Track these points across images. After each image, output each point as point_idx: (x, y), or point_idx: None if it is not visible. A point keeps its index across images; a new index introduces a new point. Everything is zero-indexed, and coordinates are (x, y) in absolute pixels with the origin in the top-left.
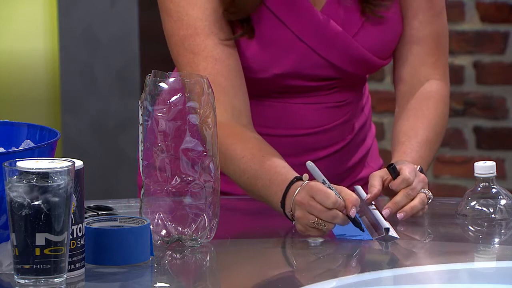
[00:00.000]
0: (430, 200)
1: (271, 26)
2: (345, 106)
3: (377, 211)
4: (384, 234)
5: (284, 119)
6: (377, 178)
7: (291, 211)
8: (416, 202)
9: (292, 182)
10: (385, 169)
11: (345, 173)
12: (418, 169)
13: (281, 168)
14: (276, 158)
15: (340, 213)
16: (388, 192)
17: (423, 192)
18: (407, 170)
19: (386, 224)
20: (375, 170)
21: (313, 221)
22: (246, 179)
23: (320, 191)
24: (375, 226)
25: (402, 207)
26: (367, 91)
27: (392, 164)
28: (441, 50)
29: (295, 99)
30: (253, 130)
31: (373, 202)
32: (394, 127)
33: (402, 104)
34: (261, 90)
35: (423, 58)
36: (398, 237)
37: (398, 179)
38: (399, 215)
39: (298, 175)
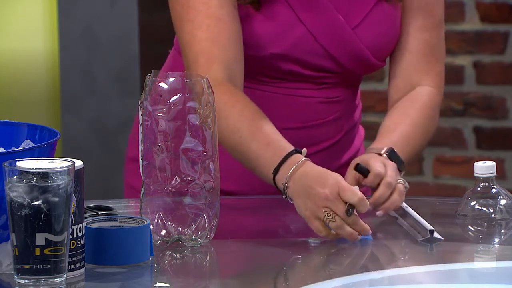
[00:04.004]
0: (407, 189)
1: (274, 4)
2: (335, 103)
3: (415, 213)
4: (429, 236)
5: (273, 111)
6: (354, 183)
7: (286, 183)
8: (395, 196)
9: (291, 153)
10: (353, 170)
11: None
12: (385, 151)
13: (279, 137)
14: (273, 127)
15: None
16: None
17: (400, 183)
18: (376, 164)
19: (430, 226)
20: None
21: (325, 213)
22: (238, 138)
23: (348, 190)
24: (416, 228)
25: (387, 198)
26: (359, 94)
27: (358, 164)
28: (436, 59)
29: (285, 90)
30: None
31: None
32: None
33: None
34: (253, 70)
35: (416, 64)
36: (442, 238)
37: (370, 176)
38: (378, 213)
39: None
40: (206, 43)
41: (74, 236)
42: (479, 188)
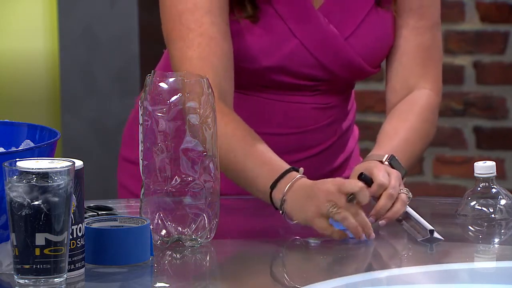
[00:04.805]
0: (410, 199)
1: (267, 18)
2: (329, 109)
3: (415, 213)
4: (429, 236)
5: (268, 117)
6: None
7: (284, 196)
8: (398, 206)
9: (288, 170)
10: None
11: (327, 174)
12: (387, 158)
13: (274, 155)
14: (267, 147)
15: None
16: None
17: (403, 192)
18: (379, 174)
19: (430, 226)
20: None
21: (329, 206)
22: (233, 157)
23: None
24: (416, 228)
25: (388, 209)
26: (353, 97)
27: (362, 173)
28: (433, 62)
29: (279, 96)
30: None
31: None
32: (379, 131)
33: (390, 111)
34: (246, 82)
35: (412, 68)
36: (442, 238)
37: (374, 186)
38: (381, 222)
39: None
40: (196, 62)
41: (74, 236)
42: (479, 188)
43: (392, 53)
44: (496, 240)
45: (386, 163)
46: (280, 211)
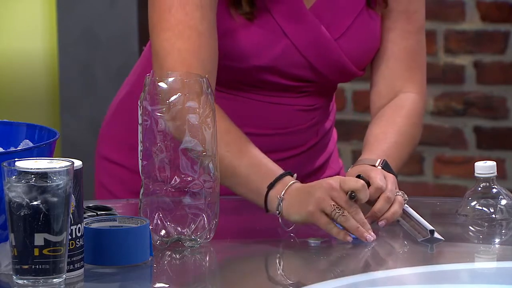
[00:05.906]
0: (406, 201)
1: (261, 16)
2: (313, 111)
3: (416, 213)
4: (429, 236)
5: (251, 117)
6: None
7: (283, 195)
8: (396, 207)
9: (285, 174)
10: None
11: (309, 174)
12: (380, 163)
13: (265, 157)
14: (259, 151)
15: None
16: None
17: (399, 195)
18: (377, 177)
19: (430, 226)
20: (336, 172)
21: (333, 207)
22: (225, 152)
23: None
24: (416, 228)
25: (386, 212)
26: (333, 98)
27: (359, 175)
28: (418, 66)
29: (265, 97)
30: None
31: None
32: (366, 134)
33: (375, 114)
34: (233, 82)
35: (398, 72)
36: (443, 238)
37: (371, 189)
38: (380, 223)
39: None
40: (186, 54)
41: (73, 236)
42: (479, 188)
43: (378, 56)
44: (497, 240)
45: (379, 167)
46: (276, 211)
